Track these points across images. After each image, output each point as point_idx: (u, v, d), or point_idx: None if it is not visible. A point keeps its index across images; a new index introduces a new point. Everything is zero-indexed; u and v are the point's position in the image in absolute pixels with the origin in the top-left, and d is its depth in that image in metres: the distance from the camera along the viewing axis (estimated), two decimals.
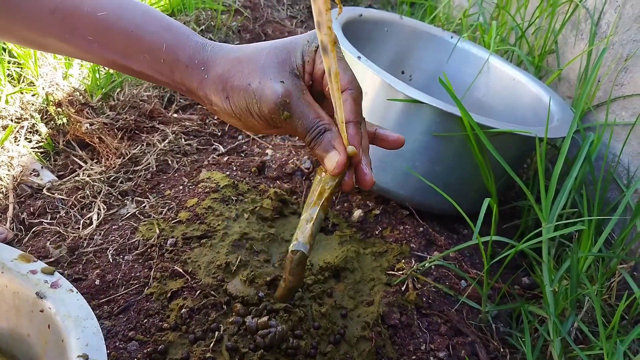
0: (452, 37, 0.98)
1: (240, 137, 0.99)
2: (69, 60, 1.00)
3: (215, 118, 1.01)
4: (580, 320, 0.62)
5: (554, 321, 0.58)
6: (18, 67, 0.98)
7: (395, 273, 0.67)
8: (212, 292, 0.61)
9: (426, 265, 0.68)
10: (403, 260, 0.69)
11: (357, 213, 0.77)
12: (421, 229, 0.76)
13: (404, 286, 0.66)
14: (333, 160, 0.40)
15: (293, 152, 0.93)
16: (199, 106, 1.04)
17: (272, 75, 0.39)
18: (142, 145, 0.88)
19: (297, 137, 0.48)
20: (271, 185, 0.82)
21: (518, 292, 0.72)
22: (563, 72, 0.97)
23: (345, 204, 0.80)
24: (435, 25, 1.39)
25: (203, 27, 1.22)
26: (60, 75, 0.95)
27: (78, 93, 0.92)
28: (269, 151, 0.94)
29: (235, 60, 0.40)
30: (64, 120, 0.90)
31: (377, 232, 0.75)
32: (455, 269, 0.68)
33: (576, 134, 0.86)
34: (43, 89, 0.91)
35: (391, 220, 0.77)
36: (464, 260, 0.72)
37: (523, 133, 0.65)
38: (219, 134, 0.98)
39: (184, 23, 1.22)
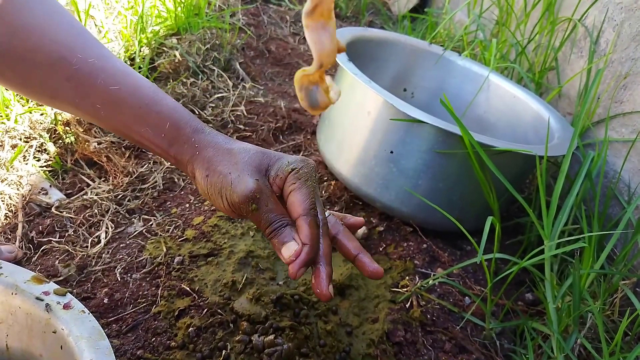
0: (459, 56, 1.00)
1: None
2: None
3: None
4: (583, 336, 0.63)
5: (557, 338, 0.59)
6: None
7: (400, 290, 0.68)
8: (219, 311, 0.62)
9: (430, 282, 0.68)
10: (407, 277, 0.70)
11: (361, 230, 0.78)
12: (425, 245, 0.76)
13: (409, 303, 0.66)
14: (291, 249, 0.43)
15: None
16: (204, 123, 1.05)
17: (250, 172, 0.44)
18: (149, 163, 0.90)
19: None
20: None
21: (522, 308, 0.73)
22: (563, 89, 0.99)
23: None
24: (437, 42, 1.41)
25: (208, 45, 1.24)
26: None
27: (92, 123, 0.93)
28: None
29: (225, 151, 0.45)
30: (72, 139, 0.91)
31: (381, 249, 0.76)
32: (459, 286, 0.68)
33: (577, 151, 0.87)
34: (52, 109, 0.92)
35: (395, 237, 0.78)
36: (468, 277, 0.73)
37: (523, 152, 0.66)
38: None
39: (189, 42, 1.24)
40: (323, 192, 0.86)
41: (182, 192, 0.85)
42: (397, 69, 1.00)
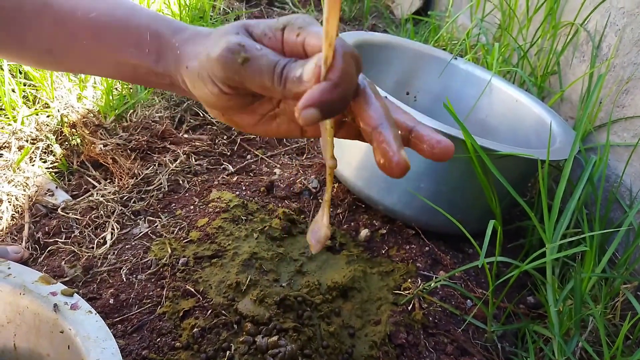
0: (456, 59, 1.00)
1: (248, 156, 1.01)
2: (83, 82, 1.03)
3: (225, 138, 1.03)
4: (584, 340, 0.63)
5: (558, 341, 0.59)
6: (33, 89, 1.01)
7: (402, 292, 0.68)
8: (223, 312, 0.62)
9: (432, 285, 0.69)
10: (409, 280, 0.71)
11: (364, 232, 0.79)
12: (427, 248, 0.77)
13: (411, 305, 0.67)
14: (311, 69, 0.29)
15: (300, 171, 0.95)
16: (209, 126, 1.06)
17: (227, 32, 0.34)
18: (154, 165, 0.91)
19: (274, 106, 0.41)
20: (279, 205, 0.83)
21: (523, 311, 0.73)
22: (565, 93, 0.99)
23: (352, 224, 0.81)
24: (440, 45, 1.42)
25: None
26: (75, 97, 0.98)
27: (92, 115, 0.95)
28: (277, 170, 0.96)
29: (204, 36, 0.37)
30: (78, 140, 0.92)
31: (383, 252, 0.77)
32: (461, 289, 0.69)
33: (579, 155, 0.88)
34: (58, 111, 0.94)
35: (397, 239, 0.79)
36: (470, 280, 0.73)
37: (526, 156, 0.67)
38: (228, 153, 1.00)
39: None
40: None
41: (187, 194, 0.86)
42: (400, 73, 1.00)
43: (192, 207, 0.82)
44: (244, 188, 0.87)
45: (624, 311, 0.72)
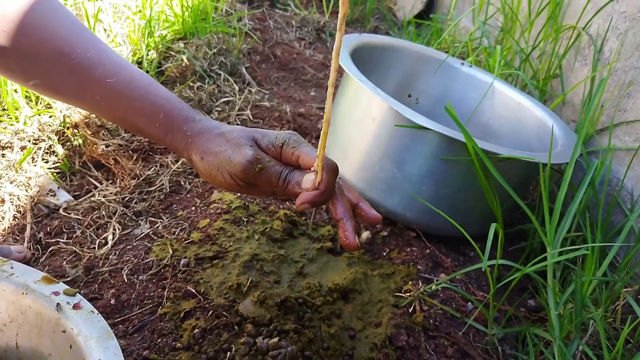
0: (462, 64, 1.00)
1: None
2: None
3: None
4: (585, 343, 0.63)
5: (559, 344, 0.59)
6: None
7: (403, 295, 0.69)
8: (224, 313, 0.62)
9: (433, 287, 0.69)
10: (410, 282, 0.71)
11: (365, 235, 0.79)
12: (428, 250, 0.77)
13: (412, 308, 0.67)
14: (308, 179, 0.45)
15: None
16: None
17: (243, 143, 0.46)
18: (156, 166, 0.91)
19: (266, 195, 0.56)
20: (281, 207, 0.84)
21: (524, 314, 0.73)
22: (567, 97, 0.99)
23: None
24: (442, 48, 1.42)
25: (215, 50, 1.26)
26: None
27: (94, 115, 0.95)
28: None
29: (216, 135, 0.48)
30: (80, 141, 0.93)
31: (384, 254, 0.77)
32: (462, 292, 0.69)
33: (580, 158, 0.88)
34: (61, 111, 0.94)
35: (398, 241, 0.79)
36: (471, 283, 0.73)
37: (527, 159, 0.67)
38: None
39: (196, 47, 1.26)
40: None
41: (189, 195, 0.86)
42: (402, 75, 1.00)
43: (193, 208, 0.82)
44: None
45: (624, 315, 0.72)
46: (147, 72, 1.15)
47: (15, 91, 0.97)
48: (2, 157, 0.87)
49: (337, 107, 0.85)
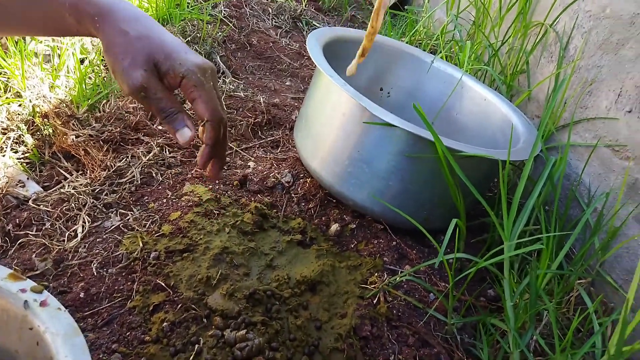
0: (432, 61, 1.02)
1: None
2: (56, 71, 1.02)
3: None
4: (538, 333, 0.67)
5: (513, 334, 0.63)
6: (4, 77, 0.99)
7: (368, 287, 0.71)
8: (193, 306, 0.64)
9: (397, 279, 0.72)
10: (376, 274, 0.73)
11: (334, 227, 0.81)
12: (394, 243, 0.80)
13: (376, 299, 0.70)
14: (185, 135, 0.48)
15: (275, 164, 0.96)
16: None
17: (139, 62, 0.45)
18: (127, 157, 0.91)
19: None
20: (252, 199, 0.85)
21: (483, 304, 0.76)
22: (533, 92, 1.02)
23: (323, 218, 0.83)
24: (416, 40, 1.43)
25: (189, 38, 1.24)
26: (47, 86, 0.97)
27: (64, 105, 0.94)
28: (251, 164, 0.97)
29: (121, 31, 0.46)
30: (50, 131, 0.92)
31: (352, 246, 0.79)
32: (423, 284, 0.72)
33: (541, 153, 0.91)
34: (30, 101, 0.92)
35: (366, 234, 0.81)
36: (434, 274, 0.76)
37: (488, 157, 0.69)
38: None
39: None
40: (299, 188, 0.88)
41: (160, 187, 0.86)
42: (374, 69, 1.02)
43: (164, 200, 0.83)
44: (217, 182, 0.88)
45: (578, 305, 0.76)
46: None
47: None
48: None
49: (310, 100, 0.86)
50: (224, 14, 1.52)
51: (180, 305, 0.64)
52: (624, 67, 0.80)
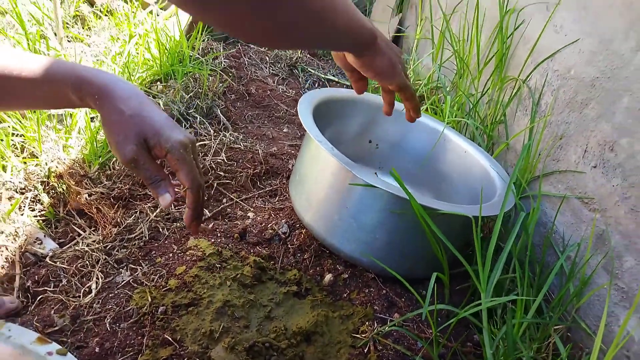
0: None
1: (224, 200, 1.10)
2: (68, 133, 1.10)
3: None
4: None
5: None
6: (20, 138, 1.08)
7: (359, 336, 0.77)
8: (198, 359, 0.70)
9: (387, 329, 0.78)
10: (367, 323, 0.79)
11: (328, 277, 0.88)
12: (384, 291, 0.86)
13: (367, 348, 0.76)
14: (166, 199, 0.57)
15: (272, 215, 1.03)
16: None
17: (131, 137, 0.54)
18: (136, 212, 0.98)
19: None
20: (251, 251, 0.92)
21: (469, 349, 0.82)
22: (511, 142, 1.10)
23: (318, 268, 0.90)
24: None
25: (191, 93, 1.34)
26: (61, 147, 1.05)
27: (77, 165, 1.02)
28: (250, 214, 1.04)
29: (118, 111, 0.55)
30: (64, 188, 0.99)
31: (345, 295, 0.86)
32: (409, 334, 0.78)
33: (523, 201, 0.98)
34: (46, 163, 1.00)
35: (358, 283, 0.87)
36: (421, 322, 0.82)
37: (461, 215, 0.76)
38: (205, 198, 1.08)
39: (173, 91, 1.33)
40: (294, 239, 0.95)
41: (167, 242, 0.93)
42: (362, 123, 1.10)
43: (171, 254, 0.90)
44: (219, 235, 0.95)
45: (557, 351, 0.81)
46: None
47: (1, 140, 1.03)
48: None
49: (302, 158, 0.94)
50: (224, 65, 1.62)
51: (186, 359, 0.70)
52: (588, 125, 0.88)
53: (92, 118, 1.19)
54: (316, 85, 1.78)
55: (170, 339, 0.72)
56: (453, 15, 1.50)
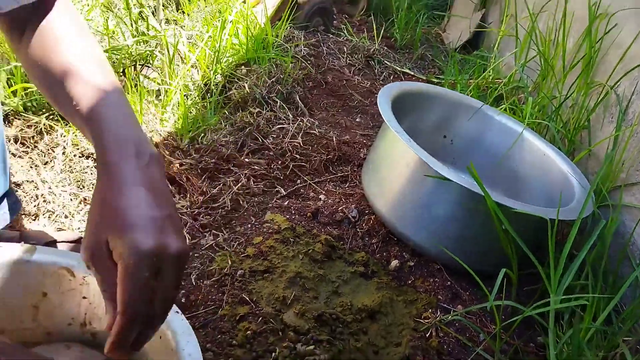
0: (496, 111, 1.10)
1: (298, 181, 1.15)
2: (163, 107, 1.21)
3: (279, 163, 1.18)
4: None
5: None
6: None
7: (422, 321, 0.80)
8: (271, 320, 0.76)
9: (449, 318, 0.80)
10: (430, 310, 0.82)
11: (394, 263, 0.91)
12: (449, 283, 0.88)
13: (429, 333, 0.78)
14: (106, 319, 0.47)
15: (343, 199, 1.08)
16: (266, 151, 1.21)
17: (93, 241, 0.47)
18: (220, 185, 1.06)
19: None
20: (322, 231, 0.97)
21: (532, 350, 0.83)
22: (594, 149, 1.07)
23: (384, 254, 0.94)
24: (483, 84, 1.51)
25: (273, 79, 1.41)
26: (158, 121, 1.16)
27: (171, 137, 1.11)
28: (322, 197, 1.10)
29: (101, 201, 0.48)
30: None
31: (410, 282, 0.89)
32: (472, 326, 0.79)
33: (600, 209, 0.96)
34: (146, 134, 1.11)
35: (423, 272, 0.90)
36: (484, 316, 0.84)
37: (537, 215, 0.77)
38: (281, 177, 1.14)
39: (257, 75, 1.41)
40: (364, 224, 0.99)
41: (246, 214, 1.01)
42: (438, 118, 1.11)
43: (249, 225, 0.97)
44: (293, 212, 1.01)
45: None
46: (212, 95, 1.31)
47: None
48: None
49: (377, 148, 0.97)
50: (304, 53, 1.68)
51: (260, 318, 0.76)
52: None
53: (185, 95, 1.28)
54: (391, 77, 1.80)
55: (247, 299, 0.79)
56: (540, 15, 1.47)
